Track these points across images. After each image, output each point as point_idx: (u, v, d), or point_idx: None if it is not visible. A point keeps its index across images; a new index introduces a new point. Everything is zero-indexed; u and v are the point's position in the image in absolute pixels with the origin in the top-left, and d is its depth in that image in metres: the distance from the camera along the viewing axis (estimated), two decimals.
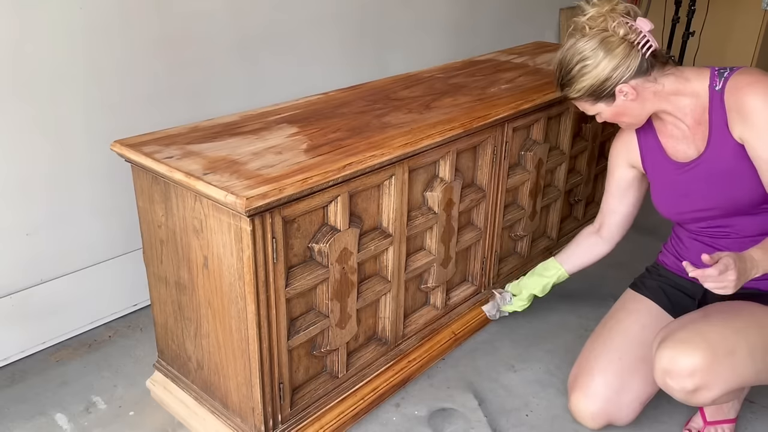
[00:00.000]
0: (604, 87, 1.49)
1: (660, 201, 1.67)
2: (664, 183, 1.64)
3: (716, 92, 1.48)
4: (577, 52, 1.50)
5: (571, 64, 1.51)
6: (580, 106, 1.60)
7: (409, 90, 1.92)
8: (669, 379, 1.40)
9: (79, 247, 1.95)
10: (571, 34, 1.54)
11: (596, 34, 1.47)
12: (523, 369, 1.91)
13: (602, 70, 1.47)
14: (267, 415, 1.46)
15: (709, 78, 1.50)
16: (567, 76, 1.53)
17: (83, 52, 1.79)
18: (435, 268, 1.79)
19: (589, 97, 1.53)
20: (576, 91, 1.53)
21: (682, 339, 1.39)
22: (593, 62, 1.47)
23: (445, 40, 3.00)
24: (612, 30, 1.46)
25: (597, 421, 1.59)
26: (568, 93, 1.56)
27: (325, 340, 1.53)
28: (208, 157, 1.38)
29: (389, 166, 1.50)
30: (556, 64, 1.56)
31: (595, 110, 1.57)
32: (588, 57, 1.48)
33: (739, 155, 1.46)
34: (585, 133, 2.31)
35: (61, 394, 1.78)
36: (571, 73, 1.51)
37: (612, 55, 1.46)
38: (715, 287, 1.29)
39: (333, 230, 1.43)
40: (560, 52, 1.56)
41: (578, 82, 1.51)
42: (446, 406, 1.76)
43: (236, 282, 1.33)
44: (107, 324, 2.06)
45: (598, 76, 1.48)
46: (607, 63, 1.46)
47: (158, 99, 1.99)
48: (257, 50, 2.22)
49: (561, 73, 1.55)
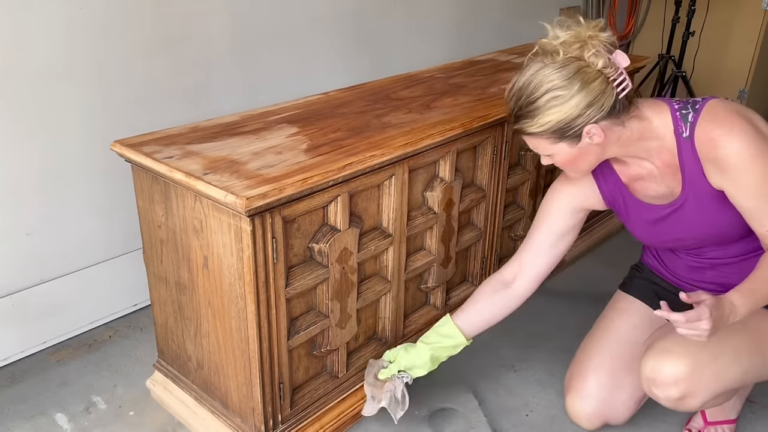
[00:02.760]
0: (573, 125, 1.29)
1: (637, 234, 1.59)
2: (639, 222, 1.54)
3: (684, 140, 1.35)
4: (546, 79, 1.28)
5: (537, 93, 1.29)
6: (534, 143, 1.38)
7: (409, 90, 1.92)
8: (654, 388, 1.41)
9: (79, 247, 1.95)
10: (534, 58, 1.33)
11: (570, 62, 1.28)
12: (523, 369, 1.91)
13: (576, 105, 1.27)
14: (267, 415, 1.46)
15: (672, 121, 1.36)
16: (529, 107, 1.31)
17: (83, 52, 1.79)
18: (435, 268, 1.79)
19: (552, 134, 1.31)
20: (538, 125, 1.31)
21: (664, 348, 1.40)
22: (566, 94, 1.27)
23: (445, 40, 3.00)
24: (588, 60, 1.27)
25: (593, 422, 1.59)
26: (526, 126, 1.33)
27: (325, 340, 1.53)
28: (208, 157, 1.38)
29: (389, 166, 1.50)
30: (515, 91, 1.33)
31: (550, 150, 1.36)
32: (560, 87, 1.27)
33: (719, 197, 1.37)
34: None
35: (61, 394, 1.78)
36: (536, 104, 1.29)
37: (588, 89, 1.27)
38: (687, 334, 1.24)
39: (333, 230, 1.43)
40: (521, 77, 1.33)
41: (544, 115, 1.29)
42: (446, 406, 1.76)
43: (236, 282, 1.33)
44: (107, 324, 2.06)
45: (569, 111, 1.27)
46: (583, 97, 1.27)
47: (158, 99, 1.99)
48: (257, 50, 2.22)
49: (520, 102, 1.32)
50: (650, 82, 3.82)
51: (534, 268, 1.59)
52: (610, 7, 4.05)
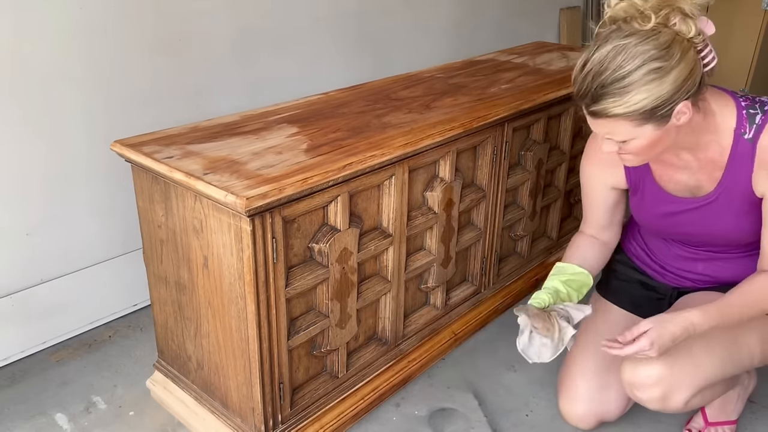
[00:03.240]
0: (668, 102, 1.13)
1: (643, 220, 1.56)
2: (652, 210, 1.49)
3: (744, 141, 1.27)
4: (638, 50, 1.11)
5: (629, 66, 1.12)
6: (611, 127, 1.19)
7: (409, 90, 1.92)
8: (636, 391, 1.41)
9: (79, 247, 1.95)
10: (611, 27, 1.17)
11: (661, 28, 1.12)
12: (523, 369, 1.91)
13: (675, 79, 1.12)
14: (267, 415, 1.46)
15: (736, 117, 1.26)
16: (617, 83, 1.13)
17: (83, 52, 1.79)
18: (435, 268, 1.79)
19: (640, 115, 1.15)
20: (628, 104, 1.14)
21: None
22: (666, 66, 1.11)
23: (445, 40, 3.00)
24: (677, 27, 1.12)
25: (586, 422, 1.60)
26: (610, 107, 1.15)
27: (325, 340, 1.53)
28: (208, 157, 1.38)
29: (389, 166, 1.50)
30: (593, 66, 1.15)
31: (630, 135, 1.19)
32: (658, 58, 1.11)
33: (752, 203, 1.32)
34: (585, 133, 2.31)
35: (61, 394, 1.78)
36: (628, 79, 1.12)
37: (686, 59, 1.12)
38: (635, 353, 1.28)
39: (333, 230, 1.43)
40: (601, 50, 1.15)
41: (638, 92, 1.12)
42: (446, 406, 1.76)
43: (236, 282, 1.33)
44: (107, 324, 2.06)
45: (668, 86, 1.12)
46: (681, 70, 1.11)
47: (158, 99, 1.99)
48: (257, 50, 2.22)
49: (603, 79, 1.14)
50: None
51: (611, 229, 1.61)
52: None
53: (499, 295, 2.12)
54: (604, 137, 1.25)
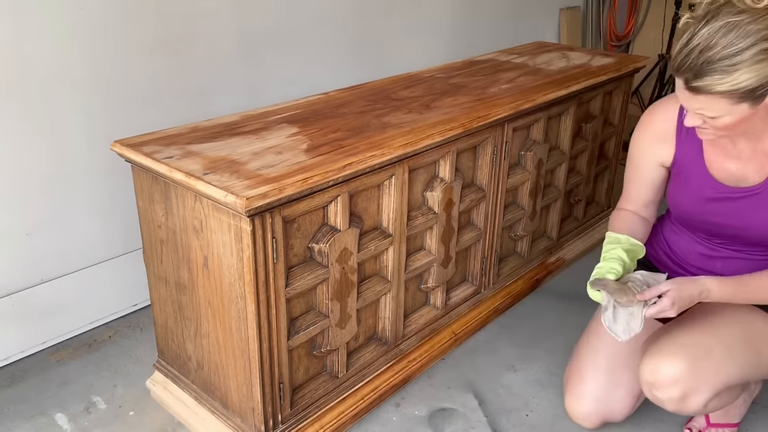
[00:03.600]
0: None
1: (681, 204, 1.54)
2: (695, 195, 1.48)
3: None
4: (752, 28, 1.11)
5: (740, 45, 1.12)
6: (707, 103, 1.20)
7: (409, 90, 1.92)
8: (655, 391, 1.41)
9: (79, 247, 1.95)
10: (725, 2, 1.15)
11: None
12: (523, 369, 1.91)
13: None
14: (267, 415, 1.46)
15: None
16: (726, 61, 1.13)
17: (83, 52, 1.79)
18: (435, 268, 1.79)
19: (742, 94, 1.15)
20: (733, 83, 1.14)
21: (659, 350, 1.40)
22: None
23: (445, 40, 3.00)
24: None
25: (591, 421, 1.59)
26: (715, 84, 1.15)
27: (325, 340, 1.53)
28: (208, 157, 1.38)
29: (389, 166, 1.50)
30: (701, 42, 1.14)
31: (724, 111, 1.20)
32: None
33: None
34: (585, 133, 2.31)
35: (61, 394, 1.78)
36: (738, 57, 1.12)
37: None
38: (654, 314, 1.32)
39: (333, 230, 1.43)
40: (710, 26, 1.14)
41: (747, 70, 1.13)
42: (446, 406, 1.76)
43: (236, 282, 1.33)
44: (107, 324, 2.06)
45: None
46: None
47: (158, 99, 1.99)
48: (258, 50, 2.22)
49: (710, 55, 1.14)
50: (650, 82, 3.82)
51: (652, 206, 1.61)
52: (610, 7, 4.04)
53: (499, 295, 2.12)
54: (693, 111, 1.24)
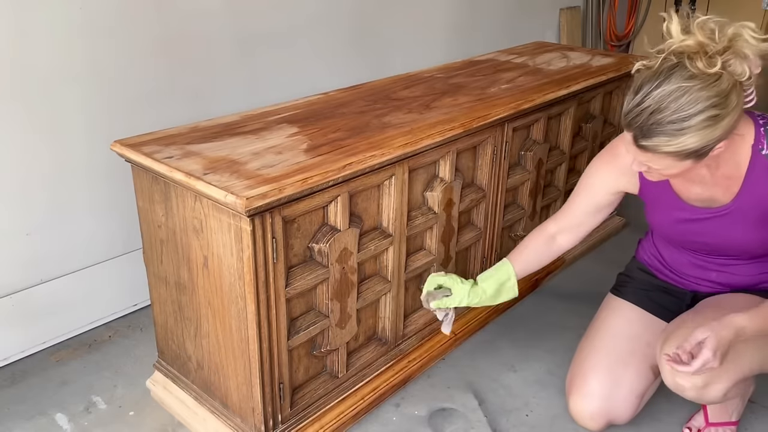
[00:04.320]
0: (716, 142, 1.16)
1: (660, 227, 1.58)
2: (667, 217, 1.51)
3: (762, 156, 1.29)
4: (701, 96, 1.12)
5: (689, 110, 1.12)
6: (652, 159, 1.22)
7: (409, 90, 1.92)
8: (678, 378, 1.40)
9: (79, 247, 1.95)
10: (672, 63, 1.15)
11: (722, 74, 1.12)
12: (523, 369, 1.91)
13: (728, 125, 1.14)
14: (267, 415, 1.46)
15: (754, 135, 1.28)
16: (673, 125, 1.14)
17: (83, 52, 1.79)
18: (435, 268, 1.79)
19: (687, 154, 1.18)
20: (678, 145, 1.15)
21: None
22: (722, 113, 1.13)
23: (445, 40, 3.00)
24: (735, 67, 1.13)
25: (597, 421, 1.59)
26: (661, 145, 1.17)
27: (325, 340, 1.53)
28: (208, 157, 1.38)
29: (389, 166, 1.50)
30: (652, 104, 1.15)
31: (670, 167, 1.23)
32: (717, 105, 1.12)
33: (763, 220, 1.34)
34: (585, 133, 2.31)
35: (61, 394, 1.78)
36: (685, 123, 1.13)
37: (738, 104, 1.14)
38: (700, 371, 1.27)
39: (333, 230, 1.43)
40: (662, 88, 1.14)
41: (692, 135, 1.14)
42: (446, 406, 1.76)
43: (236, 282, 1.33)
44: (107, 324, 2.06)
45: (721, 131, 1.14)
46: (734, 115, 1.14)
47: (158, 99, 1.99)
48: (257, 50, 2.22)
49: (660, 118, 1.15)
50: None
51: (579, 230, 1.63)
52: (610, 7, 4.05)
53: None
54: (640, 162, 1.27)
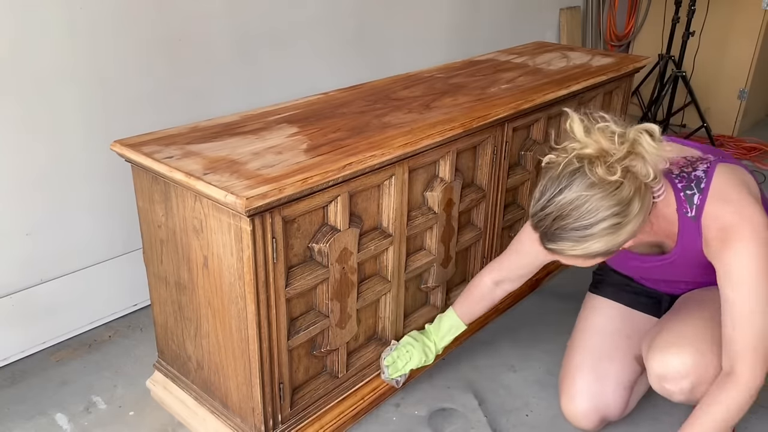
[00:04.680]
0: (623, 243, 1.18)
1: (612, 264, 1.61)
2: (621, 262, 1.55)
3: (688, 219, 1.29)
4: (601, 205, 1.12)
5: (590, 219, 1.13)
6: (563, 257, 1.22)
7: (409, 90, 1.92)
8: (666, 383, 1.42)
9: (79, 247, 1.95)
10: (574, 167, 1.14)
11: (623, 181, 1.12)
12: (523, 369, 1.91)
13: (631, 230, 1.15)
14: (267, 415, 1.46)
15: (675, 200, 1.29)
16: (576, 232, 1.15)
17: (83, 52, 1.79)
18: (435, 268, 1.79)
19: (594, 255, 1.18)
20: (584, 250, 1.16)
21: (667, 342, 1.42)
22: (624, 221, 1.14)
23: (445, 40, 3.00)
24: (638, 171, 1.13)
25: (590, 419, 1.59)
26: (567, 249, 1.18)
27: (325, 340, 1.53)
28: (208, 157, 1.38)
29: (389, 166, 1.50)
30: (555, 210, 1.15)
31: (581, 263, 1.24)
32: (617, 214, 1.13)
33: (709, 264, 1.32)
34: None
35: (61, 394, 1.78)
36: (587, 231, 1.14)
37: (643, 207, 1.15)
38: None
39: (333, 230, 1.43)
40: (564, 194, 1.14)
41: (596, 241, 1.15)
42: (446, 406, 1.76)
43: (236, 282, 1.33)
44: (107, 324, 2.06)
45: (624, 236, 1.15)
46: (638, 219, 1.15)
47: (158, 99, 1.99)
48: (257, 50, 2.22)
49: (564, 224, 1.15)
50: (650, 82, 3.82)
51: (517, 281, 1.65)
52: (610, 7, 4.05)
53: None
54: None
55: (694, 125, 3.71)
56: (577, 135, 1.17)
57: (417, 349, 1.66)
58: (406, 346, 1.67)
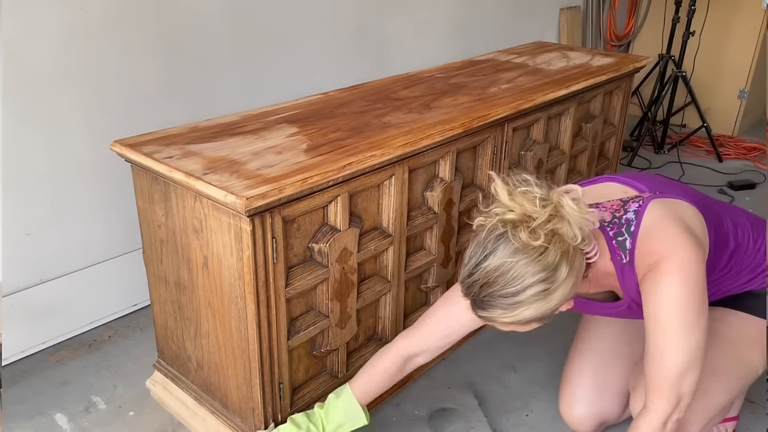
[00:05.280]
0: (556, 308, 1.14)
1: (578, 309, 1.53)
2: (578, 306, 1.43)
3: (624, 265, 1.26)
4: (527, 271, 1.08)
5: (516, 286, 1.09)
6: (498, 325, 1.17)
7: (409, 90, 1.92)
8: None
9: (79, 247, 1.95)
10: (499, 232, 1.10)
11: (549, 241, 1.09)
12: (523, 369, 1.91)
13: (562, 294, 1.11)
14: (267, 415, 1.46)
15: (609, 250, 1.25)
16: (505, 299, 1.10)
17: (83, 52, 1.79)
18: (435, 268, 1.79)
19: (528, 321, 1.14)
20: (515, 317, 1.12)
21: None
22: (552, 287, 1.10)
23: (445, 40, 3.00)
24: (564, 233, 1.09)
25: (588, 426, 1.60)
26: (498, 317, 1.13)
27: (325, 340, 1.53)
28: (208, 157, 1.38)
29: (389, 166, 1.50)
30: (482, 277, 1.11)
31: (517, 329, 1.19)
32: (545, 279, 1.09)
33: None
34: (585, 133, 2.31)
35: (61, 394, 1.78)
36: (515, 298, 1.10)
37: (572, 271, 1.11)
38: None
39: (333, 230, 1.43)
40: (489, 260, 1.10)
41: (527, 309, 1.11)
42: (446, 406, 1.76)
43: (236, 282, 1.33)
44: (107, 324, 2.06)
45: (555, 301, 1.11)
46: (568, 283, 1.11)
47: (158, 99, 1.99)
48: (257, 50, 2.22)
49: (491, 291, 1.11)
50: (650, 82, 3.82)
51: (434, 352, 1.47)
52: (610, 7, 4.05)
53: None
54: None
55: (694, 125, 3.71)
56: (501, 199, 1.12)
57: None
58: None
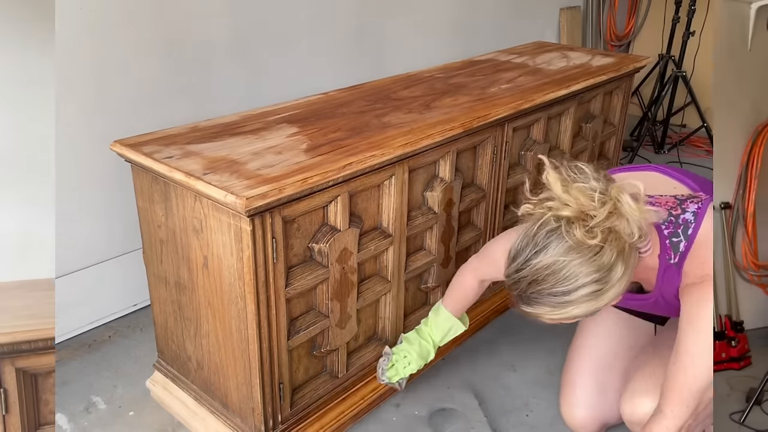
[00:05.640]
0: (606, 306, 1.11)
1: None
2: None
3: (670, 264, 1.23)
4: (581, 271, 1.04)
5: (568, 285, 1.05)
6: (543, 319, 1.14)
7: (409, 90, 1.92)
8: (635, 427, 1.43)
9: (78, 247, 1.94)
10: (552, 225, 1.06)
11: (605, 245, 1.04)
12: (523, 369, 1.91)
13: (614, 293, 1.08)
14: (267, 415, 1.46)
15: (660, 246, 1.22)
16: (555, 298, 1.07)
17: (83, 51, 1.79)
18: (435, 268, 1.79)
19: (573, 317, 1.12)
20: (564, 314, 1.09)
21: (637, 389, 1.42)
22: (604, 287, 1.06)
23: (445, 40, 3.00)
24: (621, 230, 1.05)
25: (590, 427, 1.60)
26: (546, 314, 1.11)
27: (325, 340, 1.53)
28: (208, 157, 1.38)
29: (389, 166, 1.50)
30: (531, 273, 1.07)
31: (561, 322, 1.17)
32: (598, 280, 1.05)
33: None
34: (585, 133, 2.31)
35: (61, 394, 1.78)
36: (566, 297, 1.06)
37: (627, 270, 1.07)
38: None
39: (333, 230, 1.43)
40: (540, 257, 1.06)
41: (576, 308, 1.08)
42: (446, 406, 1.76)
43: (236, 282, 1.33)
44: (107, 324, 2.06)
45: (606, 300, 1.08)
46: (621, 283, 1.07)
47: (158, 99, 1.99)
48: (257, 50, 2.22)
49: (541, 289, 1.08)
50: (650, 82, 3.82)
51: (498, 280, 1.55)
52: (610, 7, 4.04)
53: (500, 295, 2.12)
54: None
55: (694, 125, 3.71)
56: (555, 191, 1.07)
57: (414, 354, 1.62)
58: (403, 351, 1.62)
